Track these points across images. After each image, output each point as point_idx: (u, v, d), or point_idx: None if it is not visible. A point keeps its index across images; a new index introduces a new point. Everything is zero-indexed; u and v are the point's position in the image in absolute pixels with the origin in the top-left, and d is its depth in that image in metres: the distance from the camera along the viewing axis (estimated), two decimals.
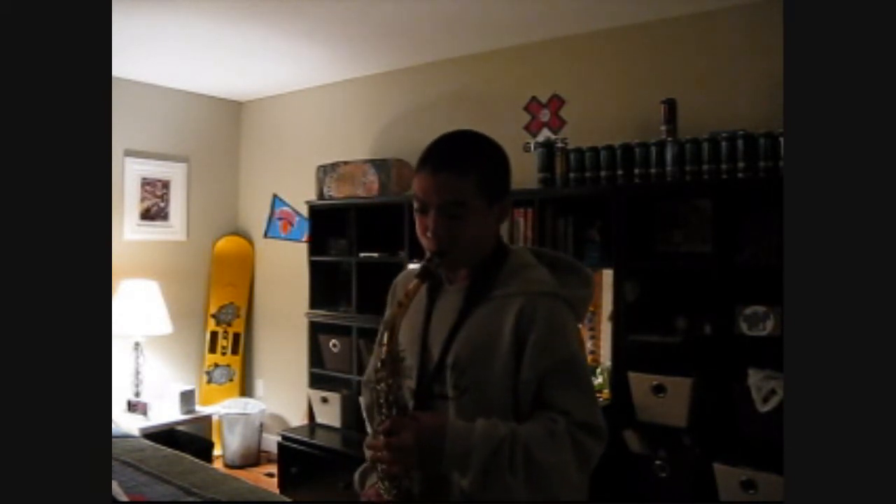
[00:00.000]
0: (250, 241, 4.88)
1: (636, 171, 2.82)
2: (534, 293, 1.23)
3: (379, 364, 1.21)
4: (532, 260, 1.31)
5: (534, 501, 1.13)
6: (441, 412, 1.21)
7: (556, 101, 3.40)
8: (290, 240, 4.62)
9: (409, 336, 1.29)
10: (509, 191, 1.30)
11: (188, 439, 3.92)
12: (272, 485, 3.90)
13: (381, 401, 1.20)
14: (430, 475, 1.20)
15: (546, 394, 1.18)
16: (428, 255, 1.23)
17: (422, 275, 1.21)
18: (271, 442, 4.31)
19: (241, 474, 3.77)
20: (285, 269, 4.61)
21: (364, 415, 1.52)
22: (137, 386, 4.06)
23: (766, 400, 2.42)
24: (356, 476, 1.41)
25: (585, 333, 3.16)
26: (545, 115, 3.43)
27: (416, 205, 1.25)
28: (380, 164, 3.73)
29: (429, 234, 1.22)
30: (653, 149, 2.79)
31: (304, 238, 4.27)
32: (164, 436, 3.74)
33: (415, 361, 1.28)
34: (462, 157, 1.23)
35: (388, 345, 1.19)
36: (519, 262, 1.29)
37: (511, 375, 1.20)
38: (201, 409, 4.27)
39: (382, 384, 1.20)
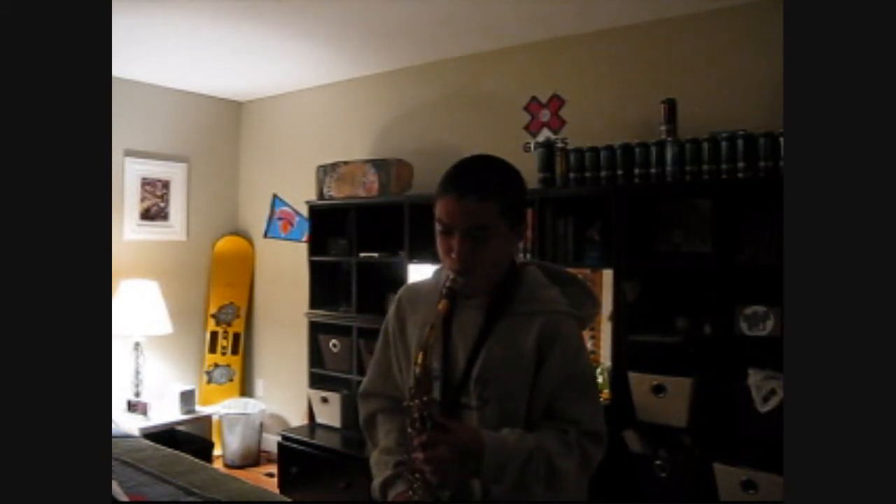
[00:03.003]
0: (250, 241, 4.88)
1: (636, 171, 2.82)
2: (554, 312, 1.32)
3: (413, 382, 1.25)
4: (544, 279, 1.38)
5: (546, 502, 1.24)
6: (467, 423, 1.28)
7: (556, 101, 3.40)
8: (290, 240, 4.62)
9: (417, 345, 1.35)
10: (526, 214, 1.38)
11: (188, 439, 3.92)
12: (272, 485, 3.90)
13: (416, 416, 1.24)
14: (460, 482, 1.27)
15: (558, 405, 1.28)
16: (451, 275, 1.28)
17: (449, 296, 1.27)
18: (271, 442, 4.31)
19: (241, 474, 3.77)
20: (285, 269, 4.61)
21: (362, 426, 1.52)
22: (137, 386, 4.06)
23: (766, 400, 2.42)
24: (376, 486, 1.40)
25: (586, 333, 3.16)
26: (545, 115, 3.43)
27: (439, 227, 1.28)
28: (380, 164, 3.73)
29: (453, 255, 1.26)
30: (653, 149, 2.79)
31: (304, 238, 4.27)
32: (164, 436, 3.74)
33: (439, 373, 1.33)
34: (486, 184, 1.26)
35: (423, 365, 1.25)
36: (534, 281, 1.36)
37: (530, 387, 1.29)
38: (201, 409, 4.27)
39: (416, 400, 1.24)
